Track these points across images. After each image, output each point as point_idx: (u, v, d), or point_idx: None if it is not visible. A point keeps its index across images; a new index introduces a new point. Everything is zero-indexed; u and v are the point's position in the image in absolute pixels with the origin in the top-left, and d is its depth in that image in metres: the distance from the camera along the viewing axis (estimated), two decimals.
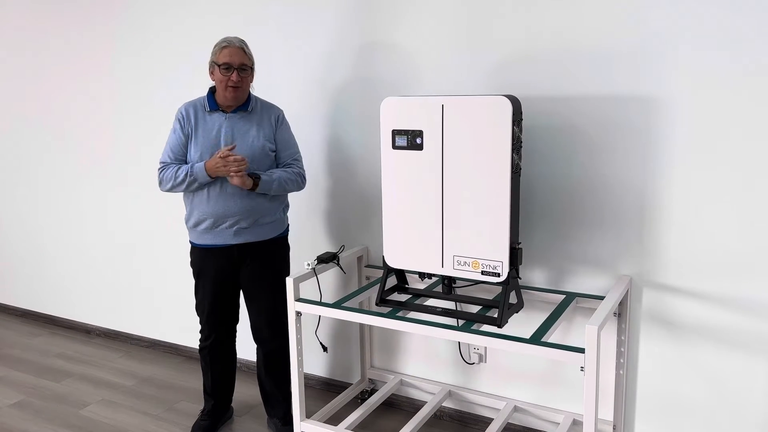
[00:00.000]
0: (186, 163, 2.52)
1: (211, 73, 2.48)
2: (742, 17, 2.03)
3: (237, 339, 2.82)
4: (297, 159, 2.61)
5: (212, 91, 2.54)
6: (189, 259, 2.64)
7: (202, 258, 2.60)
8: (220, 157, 2.35)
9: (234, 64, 2.42)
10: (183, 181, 2.45)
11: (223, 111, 2.51)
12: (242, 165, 2.35)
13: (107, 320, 3.90)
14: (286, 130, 2.61)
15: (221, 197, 2.46)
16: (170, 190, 2.51)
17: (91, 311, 3.95)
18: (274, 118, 2.57)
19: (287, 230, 2.69)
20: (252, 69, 2.50)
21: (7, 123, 4.02)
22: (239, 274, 2.61)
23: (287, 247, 2.70)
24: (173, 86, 3.29)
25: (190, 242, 2.62)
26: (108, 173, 3.65)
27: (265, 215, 2.53)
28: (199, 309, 2.69)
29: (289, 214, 3.00)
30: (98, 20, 3.46)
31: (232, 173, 2.35)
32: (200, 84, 3.18)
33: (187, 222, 2.58)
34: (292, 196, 2.99)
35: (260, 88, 2.94)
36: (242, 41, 2.48)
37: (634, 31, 2.19)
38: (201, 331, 2.72)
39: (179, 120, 2.52)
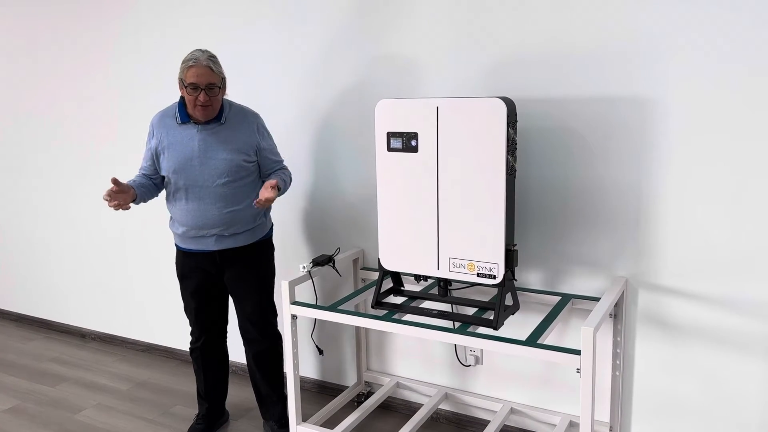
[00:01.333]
0: (155, 173, 2.52)
1: (181, 88, 2.38)
2: (735, 18, 2.03)
3: (230, 341, 2.81)
4: (282, 163, 2.61)
5: (184, 101, 2.43)
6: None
7: (186, 261, 2.59)
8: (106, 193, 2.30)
9: (201, 85, 2.30)
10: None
11: (195, 122, 2.42)
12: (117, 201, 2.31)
13: (102, 324, 3.88)
14: (269, 138, 2.56)
15: (199, 210, 2.44)
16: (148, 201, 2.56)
17: (86, 315, 3.94)
18: (255, 127, 2.49)
19: (270, 231, 2.67)
20: (222, 85, 2.39)
21: (3, 127, 4.00)
22: (223, 276, 2.60)
23: (271, 248, 2.68)
24: (170, 89, 3.28)
25: (175, 245, 2.62)
26: (103, 178, 3.63)
27: (244, 224, 2.51)
28: (187, 311, 2.69)
29: (285, 217, 3.01)
30: (95, 23, 3.45)
31: None
32: None
33: (171, 226, 2.58)
34: (288, 199, 2.98)
35: (256, 90, 2.93)
36: (210, 58, 2.34)
37: (628, 33, 2.19)
38: (191, 333, 2.72)
39: (149, 131, 2.51)
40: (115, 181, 2.29)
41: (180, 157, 2.42)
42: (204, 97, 2.33)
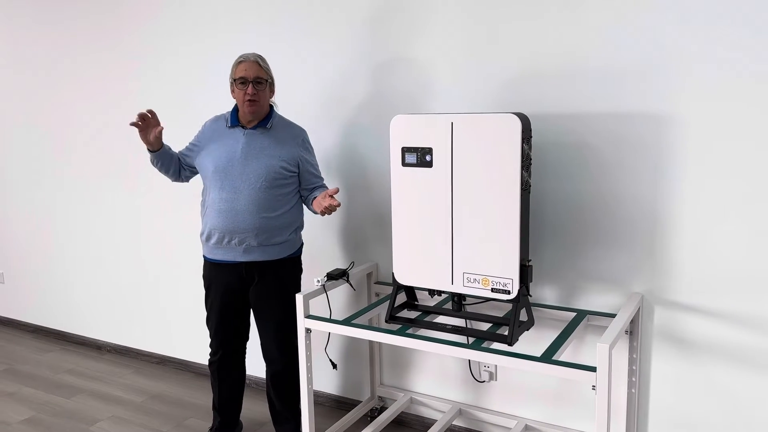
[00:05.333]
0: (186, 163, 2.64)
1: (232, 91, 2.51)
2: (752, 32, 2.03)
3: (248, 356, 2.81)
4: (323, 181, 2.64)
5: (237, 107, 2.57)
6: (199, 275, 2.65)
7: (212, 272, 2.61)
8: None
9: (249, 78, 2.44)
10: (152, 163, 2.60)
11: (243, 127, 2.52)
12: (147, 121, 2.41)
13: (117, 336, 3.91)
14: (312, 154, 2.62)
15: (231, 213, 2.47)
16: (165, 175, 2.66)
17: (102, 327, 3.97)
18: (300, 140, 2.56)
19: (300, 250, 2.67)
20: (269, 83, 2.51)
21: (23, 138, 4.07)
22: (248, 291, 2.61)
23: (299, 268, 2.68)
24: (187, 100, 3.32)
25: (203, 256, 2.64)
26: (120, 191, 3.68)
27: (275, 235, 2.52)
28: (209, 323, 2.69)
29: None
30: (114, 34, 3.51)
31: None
32: (217, 101, 3.21)
33: (201, 235, 2.60)
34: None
35: (279, 104, 2.95)
36: (258, 56, 2.48)
37: (643, 48, 2.19)
38: (210, 345, 2.72)
39: (200, 129, 2.63)
40: (144, 117, 2.40)
41: (222, 157, 2.49)
42: (252, 89, 2.43)
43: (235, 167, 2.47)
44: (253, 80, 2.44)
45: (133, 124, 2.39)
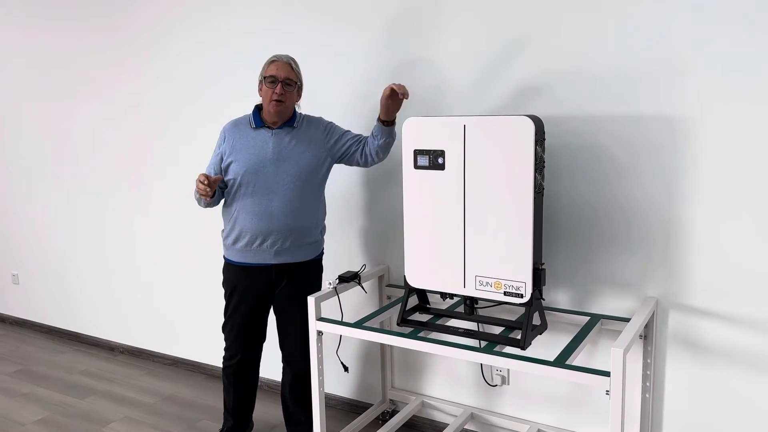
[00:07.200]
0: (223, 179, 2.55)
1: (260, 89, 2.50)
2: (764, 36, 2.01)
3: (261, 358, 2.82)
4: (359, 134, 2.61)
5: (258, 108, 2.55)
6: (213, 278, 2.64)
7: (239, 276, 2.58)
8: (198, 180, 2.36)
9: (279, 77, 2.43)
10: (198, 200, 2.54)
11: (269, 127, 2.52)
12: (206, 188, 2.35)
13: (130, 338, 3.93)
14: (336, 127, 2.59)
15: (265, 215, 2.47)
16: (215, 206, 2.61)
17: (115, 329, 3.99)
18: (322, 128, 2.56)
19: (323, 252, 2.68)
20: (298, 86, 2.50)
21: (36, 143, 4.11)
22: (274, 294, 2.60)
23: (321, 269, 2.69)
24: (204, 104, 3.33)
25: (226, 258, 2.62)
26: (133, 192, 3.70)
27: (306, 236, 2.53)
28: (227, 327, 2.67)
29: None
30: (128, 37, 3.53)
31: None
32: (230, 104, 3.22)
33: (226, 238, 2.58)
34: None
35: (304, 104, 2.95)
36: (291, 58, 2.49)
37: (657, 50, 2.18)
38: (226, 350, 2.70)
39: (220, 138, 2.59)
40: (207, 177, 2.36)
41: (253, 160, 2.48)
42: (280, 89, 2.43)
43: (267, 169, 2.47)
44: (283, 80, 2.44)
45: (204, 194, 2.36)
